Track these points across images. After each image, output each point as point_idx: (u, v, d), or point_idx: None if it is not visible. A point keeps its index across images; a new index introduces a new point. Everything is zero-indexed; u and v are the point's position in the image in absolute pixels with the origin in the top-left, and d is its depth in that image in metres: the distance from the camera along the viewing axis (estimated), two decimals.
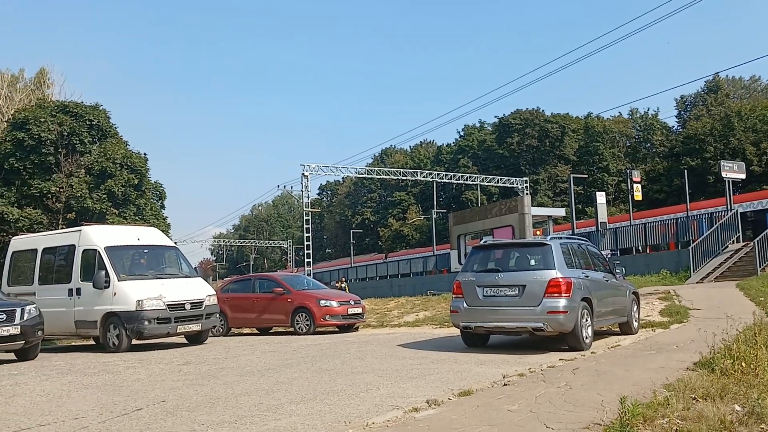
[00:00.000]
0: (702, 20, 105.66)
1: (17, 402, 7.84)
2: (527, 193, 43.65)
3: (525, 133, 70.60)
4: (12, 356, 12.98)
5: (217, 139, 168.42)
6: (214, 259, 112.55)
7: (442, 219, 59.07)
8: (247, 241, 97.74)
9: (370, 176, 58.56)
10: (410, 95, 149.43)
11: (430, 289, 32.59)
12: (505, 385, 7.12)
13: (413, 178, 51.71)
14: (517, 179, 49.48)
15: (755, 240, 22.91)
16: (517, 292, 10.12)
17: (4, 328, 12.04)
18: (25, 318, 12.40)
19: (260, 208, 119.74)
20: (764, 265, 21.85)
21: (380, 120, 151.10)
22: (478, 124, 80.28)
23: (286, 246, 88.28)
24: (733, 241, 25.33)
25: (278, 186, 71.45)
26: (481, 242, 11.89)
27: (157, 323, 13.56)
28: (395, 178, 53.32)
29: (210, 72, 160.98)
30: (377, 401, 6.63)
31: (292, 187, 55.26)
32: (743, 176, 29.67)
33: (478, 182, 50.84)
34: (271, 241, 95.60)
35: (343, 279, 39.71)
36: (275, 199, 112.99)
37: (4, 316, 12.11)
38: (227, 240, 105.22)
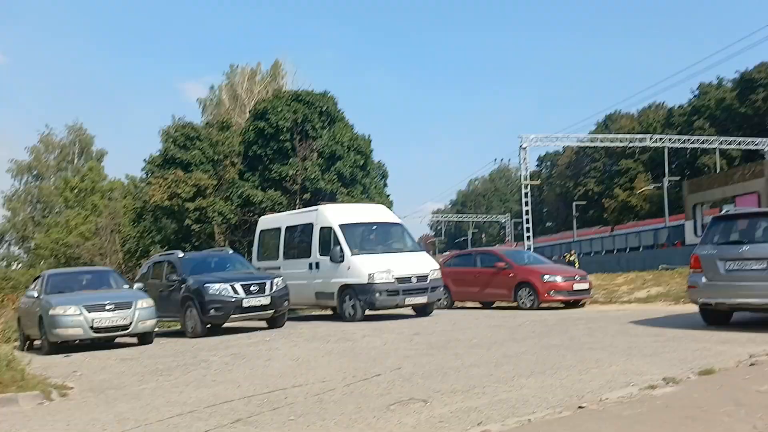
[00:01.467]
0: None
1: (272, 365, 8.83)
2: None
3: None
4: (263, 324, 14.58)
5: (433, 114, 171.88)
6: (433, 233, 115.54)
7: (674, 187, 54.82)
8: (464, 216, 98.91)
9: (593, 144, 56.16)
10: (637, 52, 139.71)
11: (662, 263, 30.51)
12: (752, 365, 6.55)
13: (641, 144, 48.60)
14: (763, 140, 44.37)
15: None
16: (765, 265, 9.18)
17: (257, 299, 13.55)
18: (274, 289, 13.85)
19: (477, 182, 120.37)
20: None
21: (603, 83, 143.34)
22: (715, 82, 73.05)
23: (504, 220, 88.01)
24: None
25: (495, 159, 71.43)
26: (723, 212, 10.92)
27: (387, 295, 14.36)
28: (621, 144, 50.53)
29: (423, 47, 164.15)
30: (609, 377, 6.46)
31: (509, 159, 54.92)
32: None
33: (716, 145, 46.44)
34: (488, 216, 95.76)
35: (573, 251, 38.28)
36: (492, 172, 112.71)
37: (256, 288, 13.64)
38: (445, 215, 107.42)
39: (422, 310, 15.48)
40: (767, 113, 63.23)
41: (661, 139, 47.72)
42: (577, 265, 32.44)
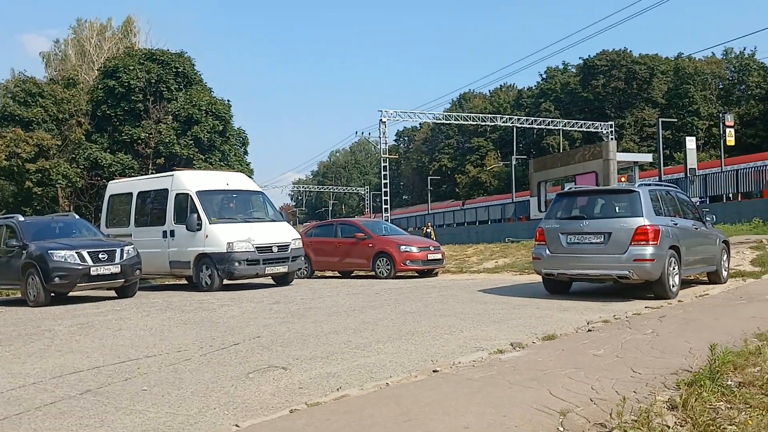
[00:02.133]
0: None
1: (123, 335, 8.44)
2: (612, 138, 42.35)
3: (611, 75, 67.95)
4: (112, 293, 13.89)
5: (295, 86, 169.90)
6: (294, 204, 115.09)
7: (521, 165, 58.10)
8: (325, 187, 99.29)
9: (447, 122, 58.02)
10: (490, 38, 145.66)
11: (508, 236, 32.40)
12: (589, 330, 7.14)
13: (492, 124, 50.92)
14: (602, 123, 47.99)
15: None
16: (602, 239, 10.00)
17: (106, 267, 12.87)
18: (125, 258, 13.20)
19: (338, 154, 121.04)
20: None
21: (458, 64, 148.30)
22: (561, 67, 77.79)
23: (363, 192, 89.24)
24: None
25: (356, 132, 72.02)
26: (565, 189, 11.73)
27: (247, 264, 14.16)
28: (474, 123, 52.63)
29: (290, 22, 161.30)
30: (461, 342, 6.80)
31: (369, 133, 55.46)
32: None
33: (560, 127, 49.58)
34: (348, 187, 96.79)
35: (429, 224, 39.47)
36: (353, 145, 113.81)
37: (105, 256, 12.94)
38: (306, 186, 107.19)
39: (282, 280, 15.42)
40: (606, 98, 68.36)
41: (510, 119, 50.22)
42: (433, 237, 33.64)
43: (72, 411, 4.83)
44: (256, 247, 14.30)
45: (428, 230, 35.28)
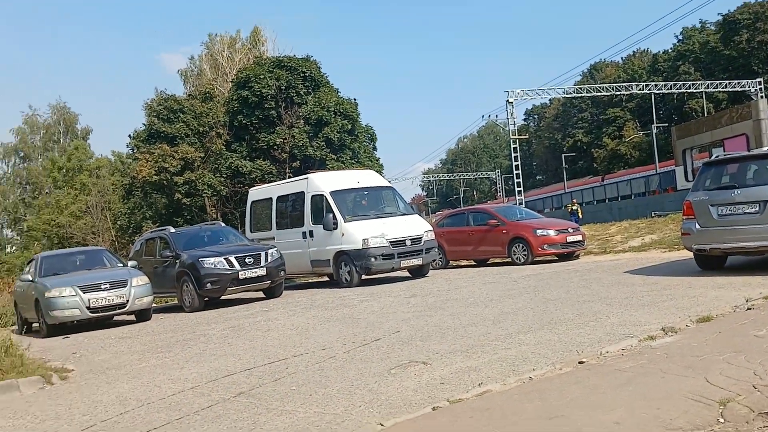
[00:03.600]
0: None
1: (272, 335, 8.83)
2: (762, 96, 38.91)
3: (756, 28, 62.41)
4: (261, 294, 14.60)
5: (418, 76, 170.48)
6: (425, 194, 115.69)
7: (663, 134, 54.85)
8: (455, 174, 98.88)
9: (579, 95, 55.89)
10: (617, 3, 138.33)
11: (654, 210, 30.69)
12: (749, 309, 6.58)
13: (628, 92, 48.45)
14: (749, 81, 44.22)
15: None
16: (757, 209, 9.19)
17: (253, 270, 13.55)
18: (269, 260, 13.84)
19: (466, 140, 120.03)
20: None
21: (587, 33, 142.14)
22: (698, 25, 72.52)
23: (494, 176, 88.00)
24: None
25: (482, 116, 70.90)
26: (713, 158, 10.90)
27: (383, 259, 14.38)
28: (608, 93, 50.32)
29: (407, 14, 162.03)
30: (608, 330, 6.48)
31: (497, 115, 54.53)
32: None
33: (702, 89, 46.25)
34: (479, 173, 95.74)
35: (575, 200, 37.82)
36: (480, 129, 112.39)
37: (252, 260, 13.62)
38: (436, 175, 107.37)
39: (418, 272, 15.52)
40: (751, 54, 62.98)
41: (647, 86, 47.47)
42: (580, 214, 32.65)
43: (227, 414, 5.10)
44: (390, 242, 14.48)
45: (574, 207, 34.02)
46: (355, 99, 32.97)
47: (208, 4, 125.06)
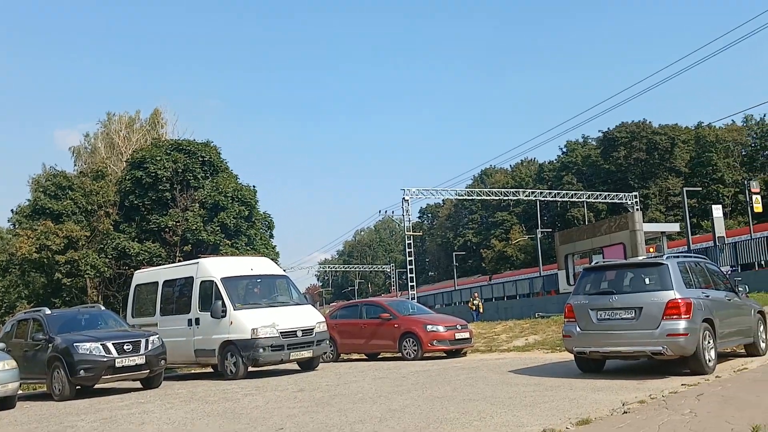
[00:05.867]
0: None
1: (145, 430, 8.28)
2: (637, 209, 42.03)
3: (632, 146, 68.18)
4: (138, 384, 13.75)
5: (319, 167, 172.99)
6: (320, 284, 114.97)
7: (547, 238, 57.77)
8: (351, 266, 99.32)
9: (470, 197, 58.27)
10: (510, 114, 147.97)
11: (538, 311, 31.80)
12: (625, 413, 6.83)
13: (515, 198, 50.99)
14: (626, 194, 47.81)
15: None
16: (633, 314, 9.73)
17: (131, 358, 12.79)
18: (150, 348, 13.13)
19: (362, 233, 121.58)
20: None
21: (479, 141, 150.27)
22: (581, 140, 78.33)
23: (389, 270, 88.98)
24: None
25: (379, 211, 72.15)
26: (593, 263, 11.53)
27: (272, 350, 13.98)
28: (497, 198, 52.81)
29: (310, 102, 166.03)
30: (491, 430, 6.53)
31: (393, 211, 55.66)
32: None
33: (583, 199, 49.49)
34: (374, 266, 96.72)
35: (476, 294, 38.35)
36: (377, 223, 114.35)
37: (130, 347, 12.89)
38: (332, 266, 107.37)
39: (308, 365, 15.17)
40: (628, 169, 68.33)
41: (533, 192, 50.30)
42: (481, 308, 33.39)
43: None
44: (281, 332, 14.15)
45: (476, 301, 34.72)
46: (254, 186, 32.93)
47: (111, 83, 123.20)
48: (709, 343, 9.69)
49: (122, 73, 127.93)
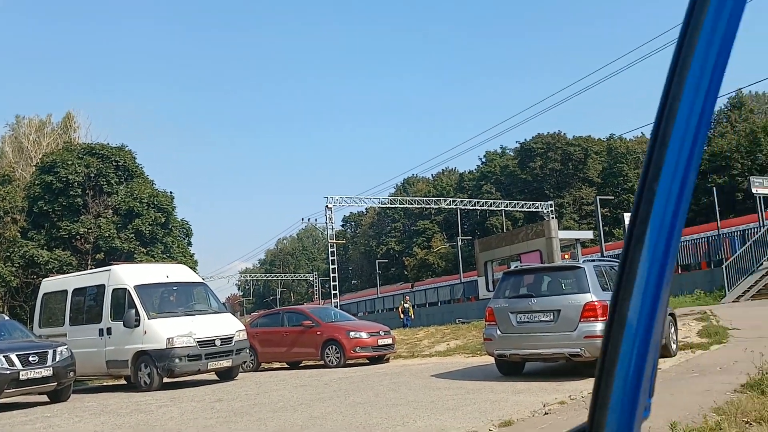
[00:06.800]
0: None
1: None
2: (553, 217, 43.24)
3: (547, 156, 70.31)
4: (45, 398, 13.00)
5: (240, 174, 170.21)
6: (241, 294, 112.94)
7: (467, 246, 58.71)
8: (272, 275, 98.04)
9: (393, 206, 58.59)
10: (431, 124, 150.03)
11: (458, 317, 32.23)
12: (546, 413, 6.91)
13: (437, 206, 51.60)
14: (542, 203, 49.17)
15: None
16: (551, 317, 9.91)
17: (37, 371, 12.09)
18: (57, 359, 12.45)
19: (285, 241, 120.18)
20: None
21: (401, 150, 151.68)
22: (499, 150, 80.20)
23: (312, 278, 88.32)
24: None
25: (302, 219, 71.80)
26: (512, 267, 11.71)
27: (188, 360, 13.51)
28: (418, 206, 53.31)
29: (232, 111, 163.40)
30: None
31: (316, 219, 55.27)
32: None
33: (502, 208, 50.57)
34: (296, 274, 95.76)
35: (407, 298, 38.35)
36: (300, 232, 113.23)
37: (36, 359, 12.18)
38: (253, 275, 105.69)
39: (226, 374, 14.76)
40: (543, 179, 70.42)
41: (453, 201, 51.06)
42: (411, 314, 33.48)
43: None
44: (198, 342, 13.70)
45: (406, 305, 34.79)
46: (171, 192, 31.99)
47: (20, 86, 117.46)
48: None
49: (32, 77, 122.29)
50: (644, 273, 0.69)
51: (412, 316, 34.39)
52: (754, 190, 27.43)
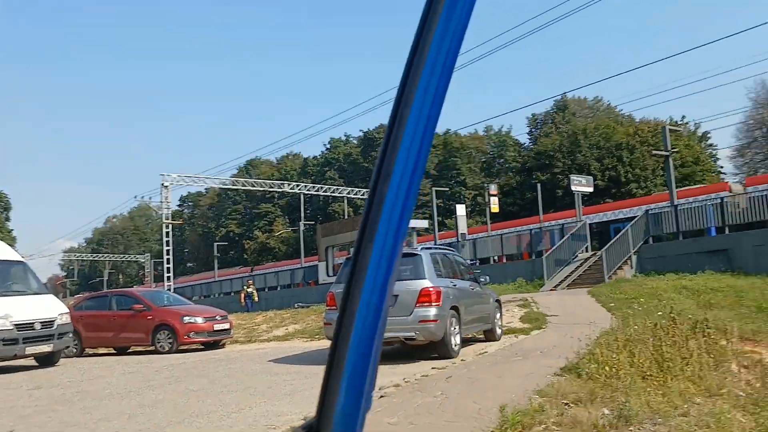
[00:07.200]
0: (549, 43, 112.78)
1: None
2: None
3: None
4: None
5: (64, 147, 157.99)
6: (65, 274, 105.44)
7: (309, 231, 58.82)
8: (100, 255, 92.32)
9: (235, 187, 57.30)
10: (277, 106, 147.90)
11: (298, 301, 32.24)
12: (381, 396, 7.08)
13: (280, 190, 51.20)
14: None
15: (602, 249, 24.61)
16: (390, 302, 10.17)
17: None
18: None
19: (115, 220, 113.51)
20: (611, 272, 23.50)
21: (245, 131, 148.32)
22: (344, 138, 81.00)
23: (143, 260, 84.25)
24: (583, 251, 27.09)
25: (135, 196, 68.05)
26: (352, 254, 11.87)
27: (3, 345, 12.40)
28: (261, 189, 52.55)
29: (68, 81, 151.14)
30: (250, 421, 6.38)
31: (150, 197, 52.63)
32: (591, 189, 31.85)
33: (344, 194, 51.11)
34: (127, 255, 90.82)
35: (251, 282, 37.48)
36: (132, 210, 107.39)
37: None
38: (79, 254, 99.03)
39: (47, 360, 13.72)
40: None
41: (297, 186, 50.93)
42: (255, 297, 32.87)
43: None
44: (16, 325, 12.59)
45: (249, 290, 34.08)
46: None
47: None
48: (455, 329, 10.48)
49: None
50: (373, 271, 0.73)
51: (256, 300, 33.98)
52: (573, 188, 29.88)
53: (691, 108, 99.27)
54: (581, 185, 30.19)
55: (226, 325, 16.64)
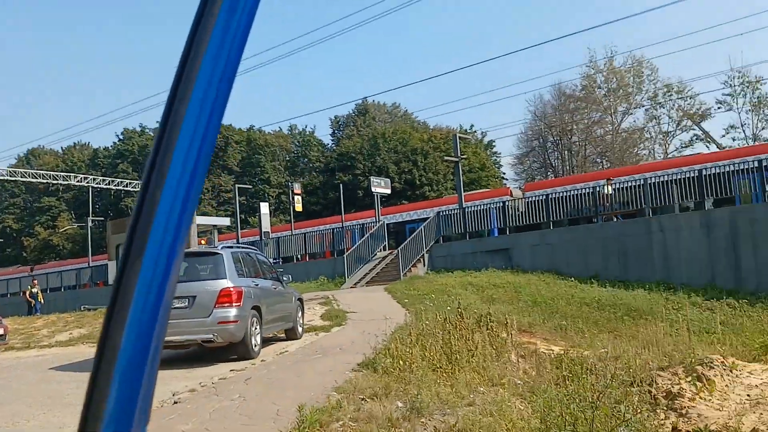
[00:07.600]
0: (355, 46, 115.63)
1: None
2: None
3: None
4: None
5: None
6: None
7: (98, 228, 54.84)
8: None
9: (13, 179, 51.86)
10: (62, 89, 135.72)
11: (85, 303, 29.97)
12: (175, 403, 6.82)
13: (65, 182, 47.23)
14: None
15: (398, 248, 25.78)
16: (186, 303, 9.82)
17: None
18: None
19: None
20: (405, 270, 24.68)
21: (25, 115, 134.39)
22: (138, 129, 76.68)
23: None
24: (381, 249, 28.18)
25: None
26: None
27: None
28: (44, 181, 48.10)
29: None
30: None
31: None
32: (389, 191, 33.24)
33: (138, 189, 48.52)
34: None
35: (35, 282, 33.71)
36: None
37: None
38: None
39: None
40: None
41: (85, 178, 47.36)
42: (40, 298, 29.86)
43: None
44: None
45: (34, 290, 30.71)
46: None
47: None
48: (256, 329, 10.38)
49: None
50: (147, 278, 0.64)
51: (42, 301, 31.00)
52: (373, 189, 30.98)
53: (479, 118, 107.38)
54: (380, 187, 31.37)
55: (1, 330, 15.02)
